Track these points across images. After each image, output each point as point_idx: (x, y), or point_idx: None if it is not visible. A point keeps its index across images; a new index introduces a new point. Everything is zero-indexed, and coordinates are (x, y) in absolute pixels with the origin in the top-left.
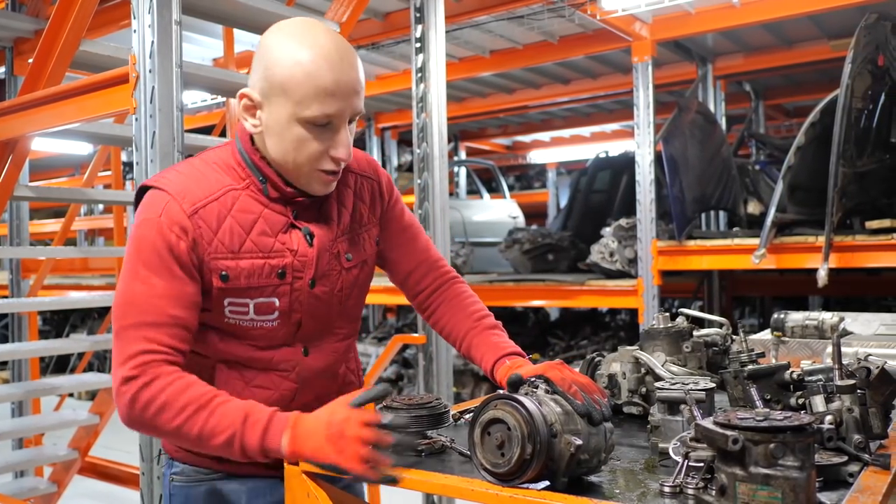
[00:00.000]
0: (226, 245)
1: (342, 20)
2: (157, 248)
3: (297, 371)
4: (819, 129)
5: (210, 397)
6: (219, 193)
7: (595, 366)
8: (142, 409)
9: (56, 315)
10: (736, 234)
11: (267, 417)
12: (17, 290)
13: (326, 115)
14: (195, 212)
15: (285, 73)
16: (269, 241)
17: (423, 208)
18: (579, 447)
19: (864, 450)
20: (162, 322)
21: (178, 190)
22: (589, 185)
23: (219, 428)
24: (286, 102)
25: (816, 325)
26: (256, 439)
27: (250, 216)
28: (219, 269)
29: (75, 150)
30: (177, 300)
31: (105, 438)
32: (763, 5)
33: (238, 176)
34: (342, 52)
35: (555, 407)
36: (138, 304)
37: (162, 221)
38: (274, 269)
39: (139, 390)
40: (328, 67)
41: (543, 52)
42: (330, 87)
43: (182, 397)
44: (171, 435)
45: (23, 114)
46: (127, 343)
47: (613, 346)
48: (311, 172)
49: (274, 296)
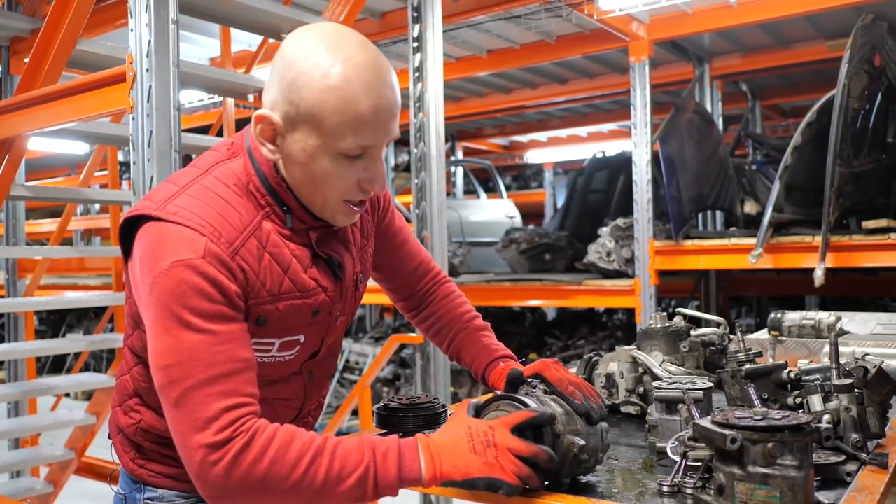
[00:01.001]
0: (266, 287)
1: (339, 20)
2: (207, 292)
3: (302, 398)
4: (816, 129)
5: (323, 440)
6: (253, 226)
7: (593, 365)
8: (244, 475)
9: (52, 315)
10: (733, 233)
11: (396, 445)
12: (13, 289)
13: (362, 147)
14: (235, 252)
15: (315, 98)
16: (304, 278)
17: (421, 208)
18: (582, 447)
19: (862, 449)
20: (236, 369)
21: (209, 228)
22: (586, 185)
23: (347, 470)
24: (315, 132)
25: (813, 325)
26: (393, 471)
27: (284, 251)
28: (257, 315)
29: (72, 149)
30: (241, 342)
31: (102, 438)
32: (760, 5)
33: (257, 203)
34: (379, 71)
35: (556, 408)
36: (202, 358)
37: (205, 262)
38: (310, 309)
39: (238, 455)
40: (365, 92)
41: (541, 52)
42: (367, 116)
43: (293, 448)
44: (287, 494)
45: (19, 113)
46: (199, 406)
47: (611, 346)
48: (337, 205)
49: (301, 333)
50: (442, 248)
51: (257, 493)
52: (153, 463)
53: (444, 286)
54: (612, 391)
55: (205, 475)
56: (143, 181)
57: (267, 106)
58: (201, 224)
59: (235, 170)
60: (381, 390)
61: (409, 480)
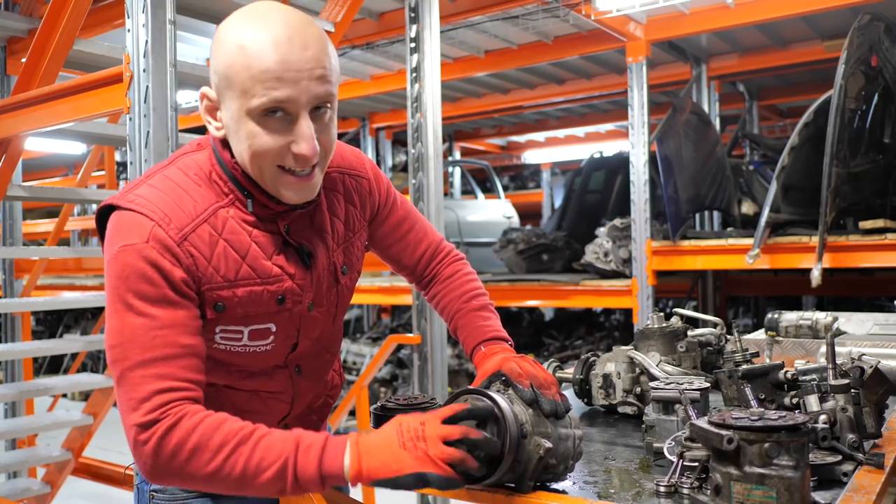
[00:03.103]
0: (221, 273)
1: (337, 20)
2: (149, 276)
3: (291, 392)
4: (813, 130)
5: (250, 431)
6: (207, 214)
7: (590, 366)
8: (170, 456)
9: (49, 315)
10: (730, 234)
11: (322, 440)
12: (10, 290)
13: (275, 102)
14: (184, 238)
15: (228, 60)
16: (266, 264)
17: (419, 208)
18: (548, 450)
19: (858, 449)
20: (172, 354)
21: (160, 214)
22: (583, 186)
23: (266, 461)
24: (234, 95)
25: (810, 325)
26: (314, 466)
27: (242, 237)
28: (214, 300)
29: (69, 149)
30: (183, 328)
31: (99, 439)
32: (757, 6)
33: (220, 191)
34: (292, 30)
35: (526, 407)
36: (140, 340)
37: (149, 247)
38: (273, 296)
39: (164, 435)
40: (273, 47)
41: (538, 53)
42: (275, 69)
43: (217, 435)
44: (208, 480)
45: (16, 113)
46: (135, 386)
47: (608, 346)
48: (275, 175)
49: (271, 322)
50: None
51: (183, 475)
52: None
53: (451, 266)
54: (609, 391)
55: (137, 453)
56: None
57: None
58: (153, 210)
59: (199, 160)
60: (379, 391)
61: (331, 476)
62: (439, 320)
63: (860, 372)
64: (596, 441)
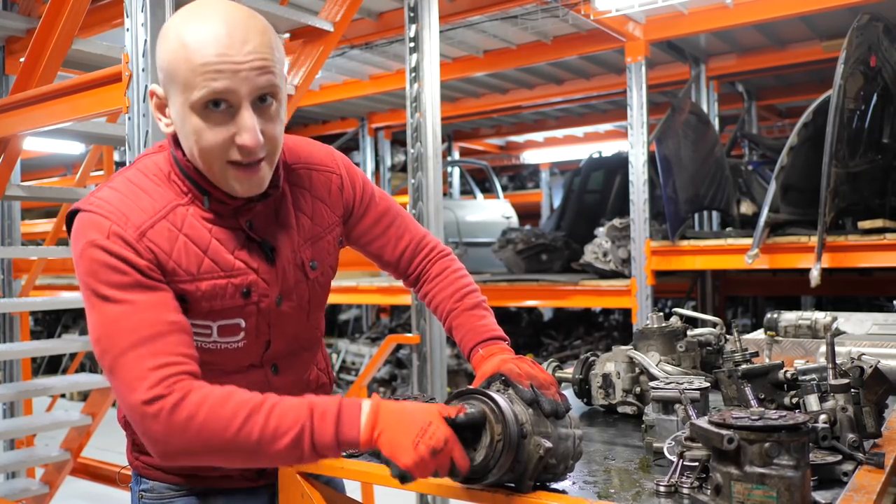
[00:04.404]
0: (183, 267)
1: (336, 19)
2: (116, 266)
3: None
4: (812, 130)
5: (261, 399)
6: (165, 211)
7: (589, 366)
8: (182, 429)
9: (48, 315)
10: (729, 234)
11: (336, 405)
12: (8, 290)
13: (214, 93)
14: (142, 235)
15: (171, 56)
16: (228, 258)
17: (417, 208)
18: (548, 450)
19: (858, 449)
20: (161, 332)
21: (117, 214)
22: (582, 186)
23: (282, 428)
24: (177, 90)
25: (809, 325)
26: (331, 431)
27: (203, 232)
28: (177, 294)
29: (67, 149)
30: (164, 306)
31: (97, 439)
32: (756, 6)
33: (179, 190)
34: (233, 23)
35: (526, 407)
36: (124, 326)
37: (109, 242)
38: (238, 289)
39: (173, 409)
40: (213, 40)
41: (537, 53)
42: (213, 61)
43: (228, 404)
44: (222, 451)
45: (14, 113)
46: (130, 369)
47: (607, 346)
48: (222, 169)
49: (240, 317)
50: None
51: (197, 448)
52: (144, 455)
53: (438, 263)
54: (608, 391)
55: (147, 431)
56: None
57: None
58: (111, 212)
59: (158, 161)
60: (378, 391)
61: (347, 443)
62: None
63: (860, 372)
64: (596, 441)
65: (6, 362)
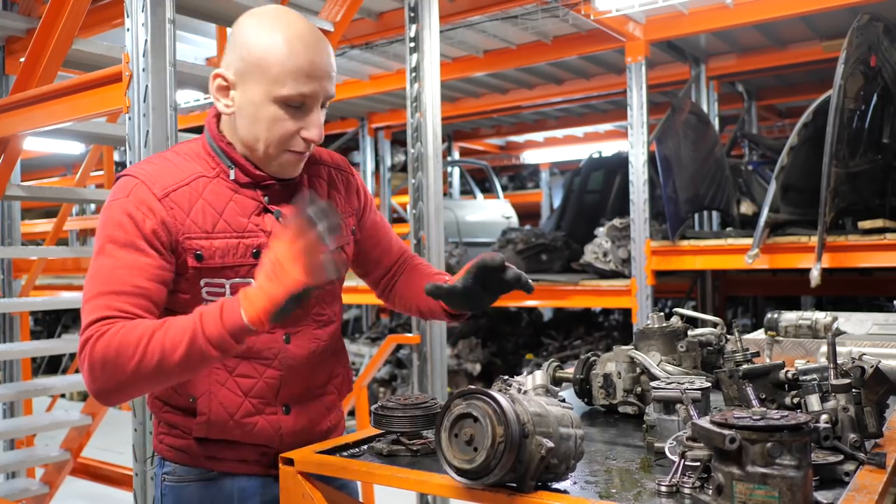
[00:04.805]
0: (199, 225)
1: (336, 19)
2: (123, 225)
3: (280, 359)
4: (812, 130)
5: (162, 321)
6: (189, 179)
7: (590, 366)
8: (101, 361)
9: (48, 315)
10: (729, 234)
11: (218, 305)
12: (8, 290)
13: (301, 95)
14: (166, 195)
15: (261, 52)
16: (243, 221)
17: (418, 208)
18: (550, 450)
19: (860, 449)
20: (124, 290)
21: (148, 176)
22: (582, 186)
23: (177, 338)
24: (262, 81)
25: (810, 325)
26: (217, 326)
27: (222, 199)
28: (193, 249)
29: (67, 149)
30: (141, 271)
31: (97, 439)
32: (756, 6)
33: (208, 165)
34: (316, 36)
35: (528, 407)
36: (102, 277)
37: (129, 201)
38: (249, 249)
39: (94, 345)
40: (304, 48)
41: (537, 53)
42: (306, 68)
43: (135, 332)
44: (137, 376)
45: (15, 113)
46: (87, 314)
47: (607, 346)
48: (280, 153)
49: (250, 276)
50: (438, 249)
51: (117, 381)
52: (166, 436)
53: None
54: (609, 391)
55: (82, 366)
56: None
57: (222, 66)
58: (144, 174)
59: (192, 144)
60: (378, 391)
61: (235, 328)
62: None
63: (861, 371)
64: (597, 441)
65: (6, 362)
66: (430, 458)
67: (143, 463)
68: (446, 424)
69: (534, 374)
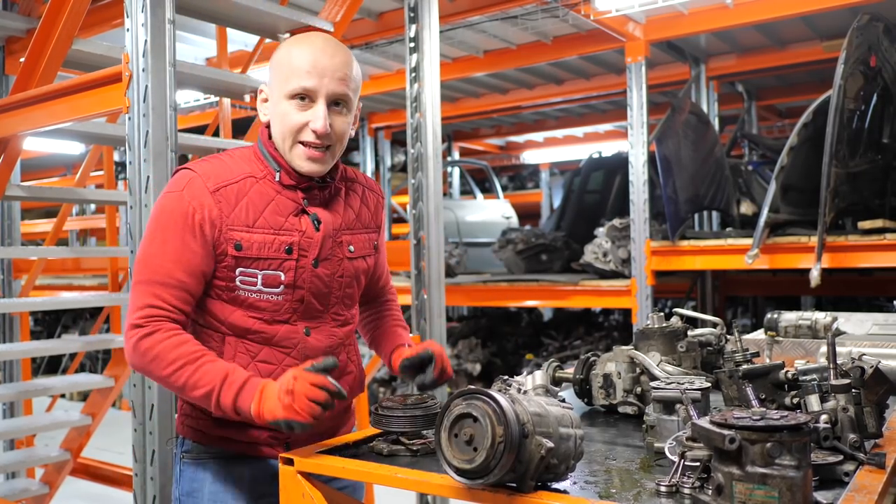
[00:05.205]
0: (242, 219)
1: (336, 20)
2: (175, 216)
3: (299, 349)
4: (812, 130)
5: (199, 355)
6: (238, 179)
7: (590, 366)
8: (140, 354)
9: (48, 315)
10: (729, 234)
11: (242, 381)
12: (8, 290)
13: (304, 89)
14: (217, 190)
15: (278, 60)
16: (281, 220)
17: (417, 209)
18: (550, 450)
19: (860, 449)
20: (169, 283)
21: (204, 172)
22: (582, 186)
23: (201, 382)
24: (277, 83)
25: (810, 325)
26: (231, 399)
27: (265, 198)
28: (234, 240)
29: (67, 149)
30: (185, 266)
31: (97, 439)
32: (756, 6)
33: (258, 168)
34: (327, 44)
35: (528, 407)
36: (151, 264)
37: (184, 194)
38: (282, 245)
39: (140, 339)
40: (310, 51)
41: (537, 53)
42: (307, 65)
43: (174, 352)
44: (161, 381)
45: (14, 113)
46: (138, 296)
47: (607, 346)
48: (294, 144)
49: (280, 270)
50: (438, 249)
51: (147, 372)
52: (188, 417)
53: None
54: (609, 391)
55: (126, 347)
56: (139, 181)
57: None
58: (202, 170)
59: (246, 150)
60: (378, 391)
61: (243, 411)
62: (438, 321)
63: (861, 372)
64: (597, 441)
65: (6, 362)
66: (430, 458)
67: (142, 463)
68: (446, 424)
69: (533, 375)
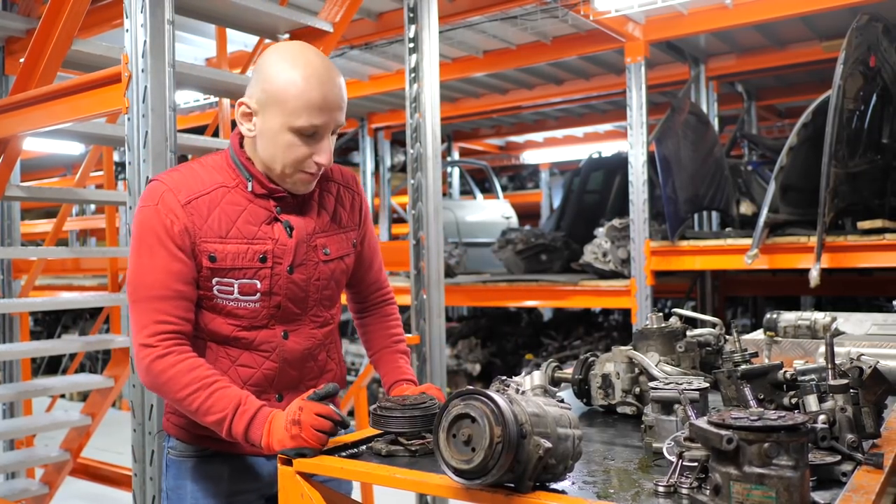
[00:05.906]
0: (214, 231)
1: (335, 20)
2: (156, 229)
3: (278, 352)
4: (811, 130)
5: (212, 381)
6: (210, 189)
7: (589, 366)
8: (154, 376)
9: (48, 316)
10: (728, 234)
11: (254, 411)
12: (8, 290)
13: (314, 126)
14: (188, 202)
15: (280, 87)
16: (253, 229)
17: (417, 209)
18: (548, 450)
19: (857, 449)
20: (168, 296)
21: (174, 184)
22: (582, 186)
23: (214, 409)
24: (279, 113)
25: (809, 325)
26: (242, 428)
27: (237, 208)
28: (208, 251)
29: (67, 149)
30: (177, 275)
31: (97, 440)
32: (755, 6)
33: (230, 176)
34: (330, 73)
35: (526, 407)
36: (145, 281)
37: (158, 208)
38: (256, 254)
39: (154, 360)
40: (318, 85)
41: (537, 53)
42: (318, 103)
43: (188, 375)
44: (175, 402)
45: (14, 113)
46: (141, 314)
47: (606, 347)
48: (294, 173)
49: (256, 278)
50: (438, 249)
51: (161, 392)
52: (172, 415)
53: (389, 307)
54: (608, 391)
55: (137, 366)
56: (138, 182)
57: (246, 95)
58: (171, 182)
59: (217, 157)
60: (378, 391)
61: (253, 441)
62: (438, 321)
63: (859, 372)
64: (595, 441)
65: (6, 362)
66: (429, 459)
67: (142, 463)
68: (444, 425)
69: (532, 375)
